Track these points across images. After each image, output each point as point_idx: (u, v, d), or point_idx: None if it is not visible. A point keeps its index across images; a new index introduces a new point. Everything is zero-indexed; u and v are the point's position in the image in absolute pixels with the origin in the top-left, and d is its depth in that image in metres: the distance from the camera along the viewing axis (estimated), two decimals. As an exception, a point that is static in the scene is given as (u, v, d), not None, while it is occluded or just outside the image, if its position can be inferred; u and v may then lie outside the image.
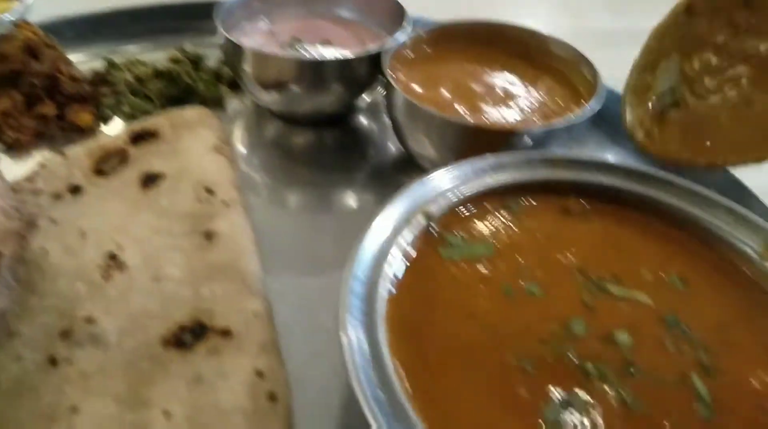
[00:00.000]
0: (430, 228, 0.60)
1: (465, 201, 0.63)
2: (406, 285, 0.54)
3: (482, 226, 0.62)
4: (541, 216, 0.63)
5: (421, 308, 0.53)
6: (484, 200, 0.63)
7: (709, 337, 0.52)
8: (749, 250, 0.58)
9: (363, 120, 0.98)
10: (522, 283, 0.56)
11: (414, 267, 0.56)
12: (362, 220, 0.56)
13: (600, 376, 0.49)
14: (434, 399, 0.46)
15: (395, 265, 0.55)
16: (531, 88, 0.82)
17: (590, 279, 0.57)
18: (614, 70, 1.10)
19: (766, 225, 0.58)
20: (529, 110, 0.77)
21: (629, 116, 0.51)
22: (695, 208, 0.61)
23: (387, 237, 0.56)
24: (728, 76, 0.47)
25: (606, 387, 0.48)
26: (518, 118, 0.76)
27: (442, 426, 0.44)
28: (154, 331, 0.58)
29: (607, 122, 0.94)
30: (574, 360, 0.50)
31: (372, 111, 0.98)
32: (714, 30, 0.47)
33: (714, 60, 0.48)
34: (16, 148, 0.84)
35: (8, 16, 0.90)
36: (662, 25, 0.50)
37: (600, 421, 0.46)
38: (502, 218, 0.63)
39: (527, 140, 0.69)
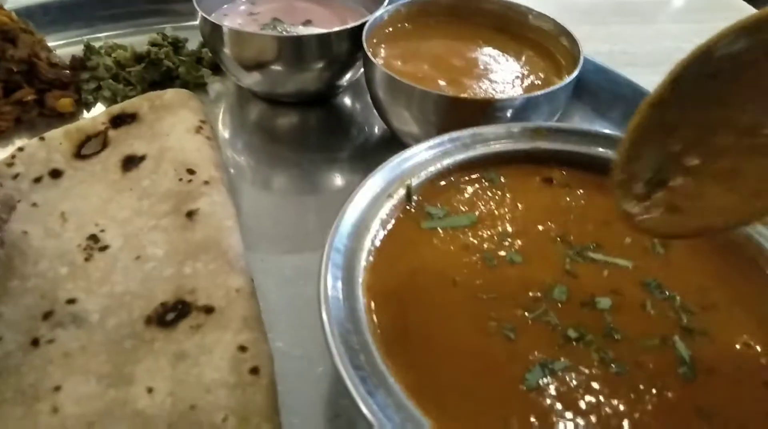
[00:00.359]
0: (411, 200, 0.60)
1: (446, 173, 0.63)
2: (386, 255, 0.55)
3: (463, 198, 0.62)
4: (522, 186, 0.63)
5: (401, 277, 0.53)
6: (465, 172, 0.63)
7: (690, 300, 0.53)
8: None
9: (347, 100, 0.97)
10: (504, 252, 0.56)
11: (395, 238, 0.56)
12: (346, 199, 0.56)
13: (582, 341, 0.49)
14: (415, 366, 0.46)
15: (376, 237, 0.55)
16: (512, 62, 0.81)
17: (572, 246, 0.57)
18: (599, 45, 1.10)
19: None
20: (510, 83, 0.77)
21: (620, 206, 0.52)
22: None
23: (367, 210, 0.56)
24: (712, 149, 0.48)
25: (588, 351, 0.48)
26: (499, 91, 0.75)
27: (423, 393, 0.44)
28: (137, 310, 0.58)
29: (591, 95, 0.94)
30: (556, 326, 0.50)
31: (355, 91, 0.97)
32: (689, 111, 0.48)
33: (695, 136, 0.49)
34: (-5, 135, 0.83)
35: (-17, 3, 0.89)
36: (635, 124, 0.49)
37: (582, 384, 0.46)
38: (483, 189, 0.63)
39: (507, 111, 0.69)
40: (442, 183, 0.62)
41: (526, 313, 0.51)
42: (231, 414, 0.49)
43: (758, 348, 0.49)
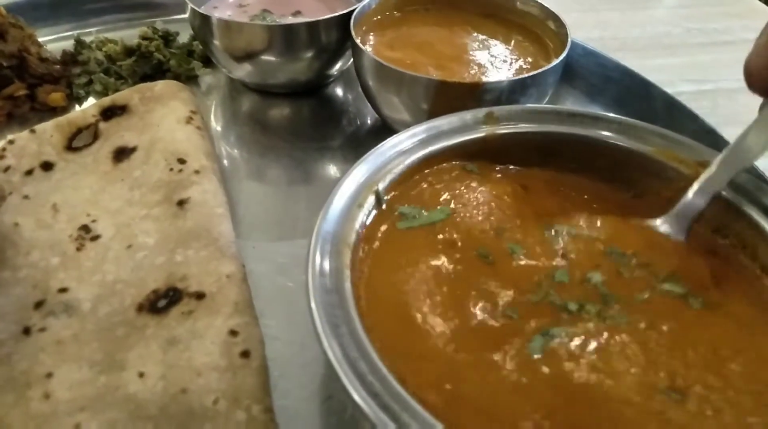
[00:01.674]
0: (382, 204, 0.57)
1: (417, 168, 0.60)
2: (371, 263, 0.53)
3: (437, 191, 0.60)
4: (490, 174, 0.63)
5: (392, 279, 0.52)
6: (428, 166, 0.61)
7: (645, 256, 0.55)
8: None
9: (338, 90, 0.97)
10: (491, 240, 0.56)
11: (378, 244, 0.55)
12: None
13: (582, 310, 0.49)
14: (417, 363, 0.45)
15: (356, 249, 0.53)
16: (501, 47, 0.81)
17: (552, 228, 0.57)
18: (590, 31, 1.10)
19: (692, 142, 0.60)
20: (499, 68, 0.77)
21: None
22: (630, 138, 0.62)
23: (344, 218, 0.53)
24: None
25: (588, 310, 0.49)
26: (489, 76, 0.75)
27: (430, 390, 0.43)
28: (128, 297, 0.58)
29: (582, 79, 0.94)
30: (555, 303, 0.50)
31: (346, 81, 0.97)
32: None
33: None
34: (-14, 130, 0.83)
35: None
36: None
37: (584, 340, 0.46)
38: (455, 180, 0.61)
39: (495, 94, 0.69)
40: (414, 179, 0.60)
41: (524, 297, 0.51)
42: (222, 396, 0.49)
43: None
